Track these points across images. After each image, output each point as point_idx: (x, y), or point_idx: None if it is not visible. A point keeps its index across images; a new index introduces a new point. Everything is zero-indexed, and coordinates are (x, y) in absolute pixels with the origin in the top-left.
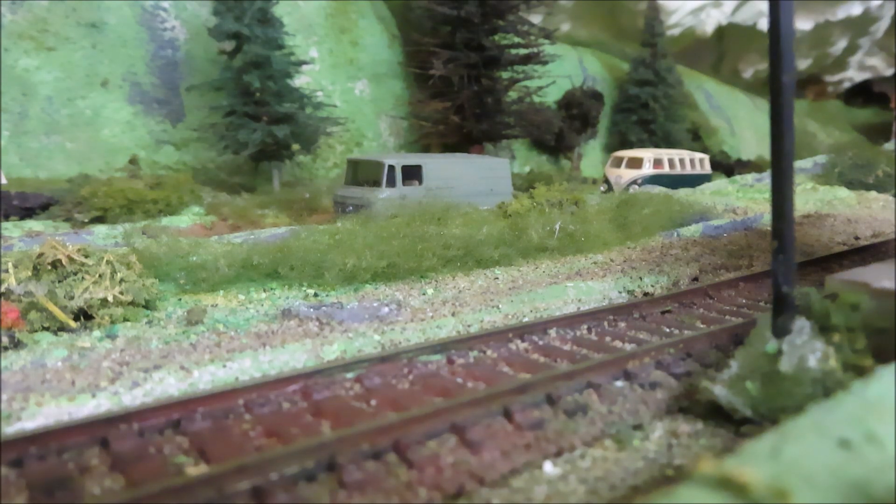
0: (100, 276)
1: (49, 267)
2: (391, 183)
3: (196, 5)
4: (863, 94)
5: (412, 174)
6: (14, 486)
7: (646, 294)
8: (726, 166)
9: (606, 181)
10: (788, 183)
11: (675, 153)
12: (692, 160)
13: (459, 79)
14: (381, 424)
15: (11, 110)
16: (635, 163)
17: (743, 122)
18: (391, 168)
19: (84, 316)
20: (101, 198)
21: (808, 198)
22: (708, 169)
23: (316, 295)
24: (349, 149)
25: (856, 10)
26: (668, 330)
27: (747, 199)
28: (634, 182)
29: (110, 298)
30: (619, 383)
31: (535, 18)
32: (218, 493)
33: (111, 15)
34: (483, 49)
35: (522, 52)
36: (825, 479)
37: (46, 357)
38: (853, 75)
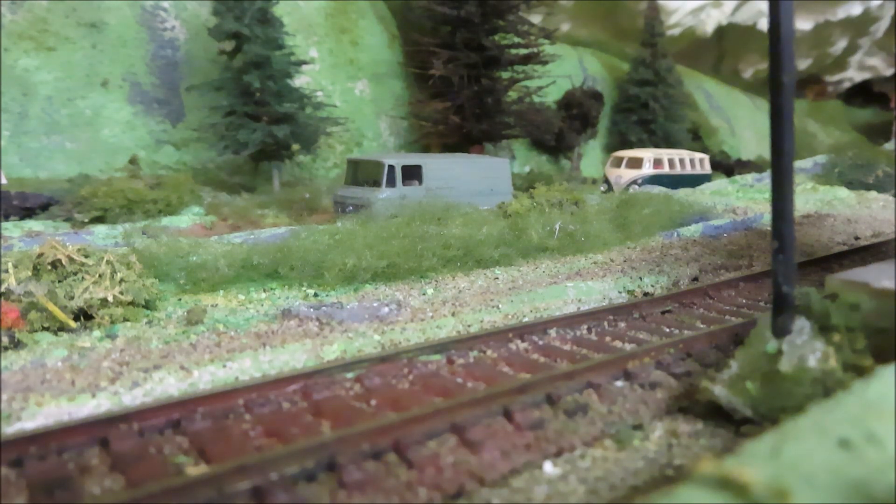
0: (100, 276)
1: (49, 267)
2: (391, 183)
3: (196, 5)
4: (863, 94)
5: (412, 174)
6: (14, 486)
7: (646, 294)
8: (726, 166)
9: (606, 181)
10: (788, 183)
11: (675, 153)
12: (692, 160)
13: (459, 79)
14: (381, 424)
15: (11, 110)
16: (635, 163)
17: (743, 122)
18: (391, 168)
19: (84, 316)
20: (101, 198)
21: (808, 198)
22: (708, 169)
23: (316, 295)
24: (349, 149)
25: (856, 10)
26: (668, 330)
27: (747, 199)
28: (634, 182)
29: (110, 298)
30: (619, 383)
31: (535, 18)
32: (218, 493)
33: (111, 15)
34: (483, 49)
35: (522, 52)
36: (825, 479)
37: (46, 357)
38: (853, 75)
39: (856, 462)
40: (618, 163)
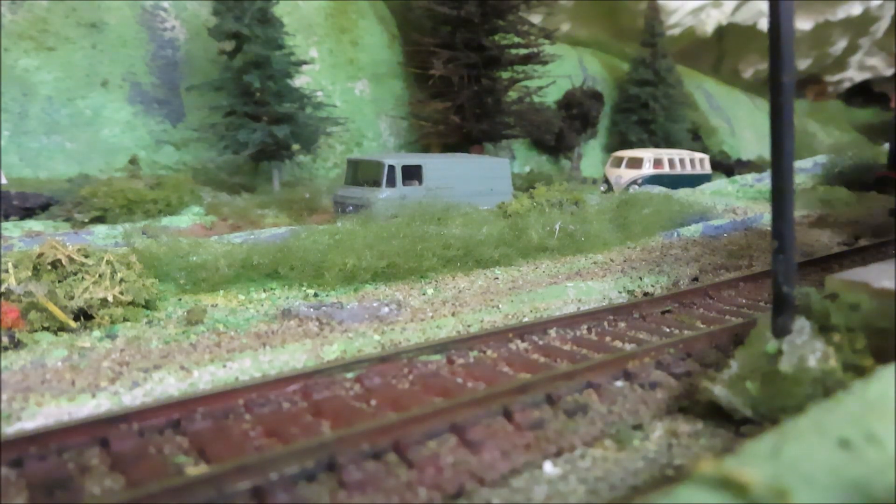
0: (100, 276)
1: (49, 267)
2: (391, 183)
3: (196, 5)
4: (863, 94)
5: (412, 174)
6: (14, 486)
7: (646, 294)
8: (726, 166)
9: (606, 181)
10: (788, 183)
11: (675, 153)
12: (692, 160)
13: (459, 79)
14: (381, 424)
15: (11, 110)
16: (635, 163)
17: (743, 122)
18: (391, 168)
19: (84, 316)
20: (101, 198)
21: (808, 198)
22: (708, 169)
23: (316, 295)
24: (349, 149)
25: (856, 10)
26: (668, 330)
27: (747, 199)
28: (634, 182)
29: (110, 298)
30: (619, 383)
31: (535, 18)
32: (218, 493)
33: (111, 15)
34: (483, 49)
35: (522, 52)
36: (825, 479)
37: (46, 357)
38: (853, 75)
39: (856, 462)
40: (618, 163)
